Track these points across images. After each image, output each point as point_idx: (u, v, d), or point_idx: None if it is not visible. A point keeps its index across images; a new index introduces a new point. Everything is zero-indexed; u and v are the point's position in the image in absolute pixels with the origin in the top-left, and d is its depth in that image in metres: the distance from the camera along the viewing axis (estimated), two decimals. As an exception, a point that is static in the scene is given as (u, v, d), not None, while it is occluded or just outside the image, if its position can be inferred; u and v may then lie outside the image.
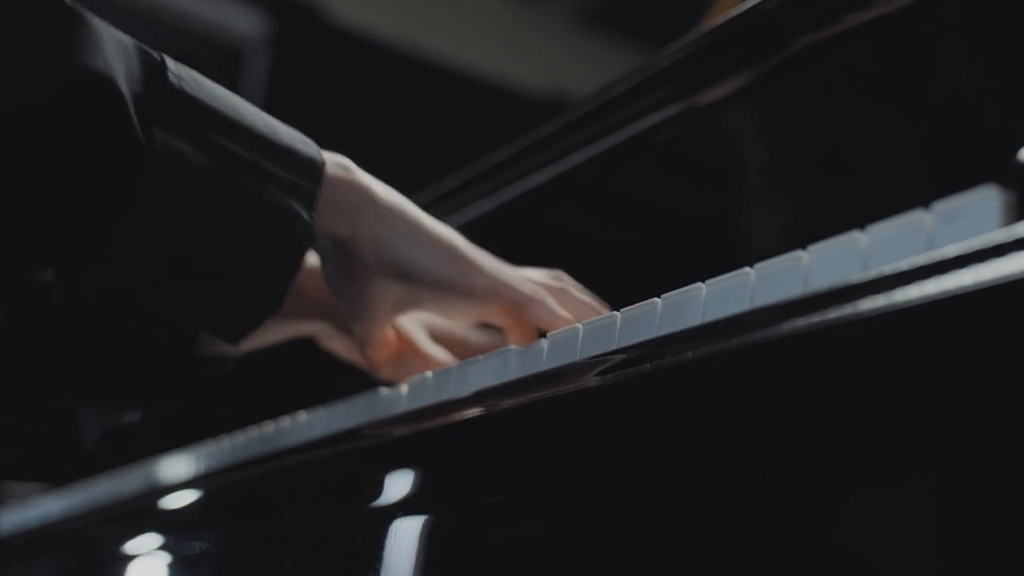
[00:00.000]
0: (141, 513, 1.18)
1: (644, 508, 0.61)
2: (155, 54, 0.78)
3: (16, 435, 1.24)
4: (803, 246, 0.59)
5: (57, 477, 1.50)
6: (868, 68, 0.82)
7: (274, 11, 3.60)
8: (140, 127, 0.75)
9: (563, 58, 4.33)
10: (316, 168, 0.83)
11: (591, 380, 0.66)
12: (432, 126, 3.69)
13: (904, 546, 0.48)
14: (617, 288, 0.98)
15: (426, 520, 0.76)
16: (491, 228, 1.15)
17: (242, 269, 0.80)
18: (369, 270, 0.87)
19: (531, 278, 0.91)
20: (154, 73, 0.77)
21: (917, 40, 0.79)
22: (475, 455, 0.74)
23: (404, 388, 0.86)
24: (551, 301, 0.88)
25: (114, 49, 0.76)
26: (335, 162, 0.86)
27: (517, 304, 0.88)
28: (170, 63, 0.78)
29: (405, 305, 0.91)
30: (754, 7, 0.89)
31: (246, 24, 3.56)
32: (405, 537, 0.77)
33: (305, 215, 0.81)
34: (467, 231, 0.92)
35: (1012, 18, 0.72)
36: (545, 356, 0.74)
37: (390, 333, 0.94)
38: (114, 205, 0.75)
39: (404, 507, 0.78)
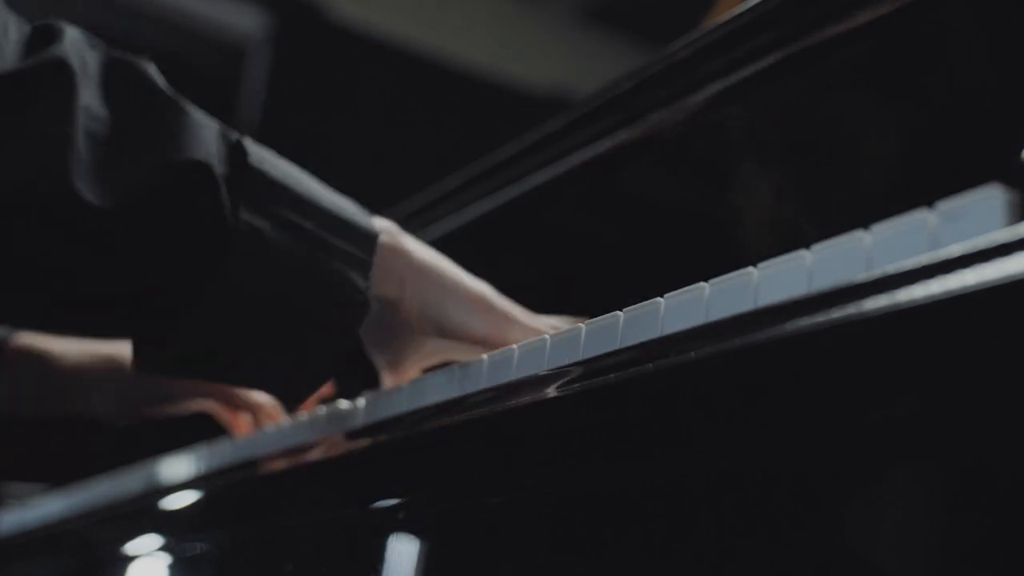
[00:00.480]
0: (141, 514, 1.18)
1: (646, 509, 0.61)
2: (233, 135, 0.83)
3: (16, 435, 1.25)
4: (807, 245, 0.59)
5: (57, 477, 1.49)
6: (871, 66, 0.82)
7: (275, 9, 3.60)
8: (229, 207, 0.79)
9: (565, 56, 4.32)
10: (371, 239, 0.87)
11: (594, 380, 0.66)
12: (433, 124, 3.69)
13: (910, 546, 0.48)
14: (620, 288, 0.98)
15: (427, 521, 0.76)
16: (492, 228, 1.15)
17: (307, 338, 0.84)
18: (411, 328, 0.92)
19: (556, 325, 0.94)
20: (236, 155, 0.82)
21: (921, 39, 0.78)
22: (477, 456, 0.73)
23: (406, 389, 0.86)
24: None
25: (210, 136, 0.81)
26: (383, 228, 0.90)
27: None
28: (248, 143, 0.83)
29: (438, 355, 0.95)
30: (756, 5, 0.89)
31: (247, 22, 3.56)
32: (406, 538, 0.77)
33: (362, 286, 0.85)
34: (468, 231, 0.93)
35: (1017, 17, 0.72)
36: (547, 356, 0.74)
37: None
38: (202, 279, 0.79)
39: (405, 508, 0.78)
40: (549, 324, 0.93)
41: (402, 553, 0.76)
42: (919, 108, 0.79)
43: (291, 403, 0.89)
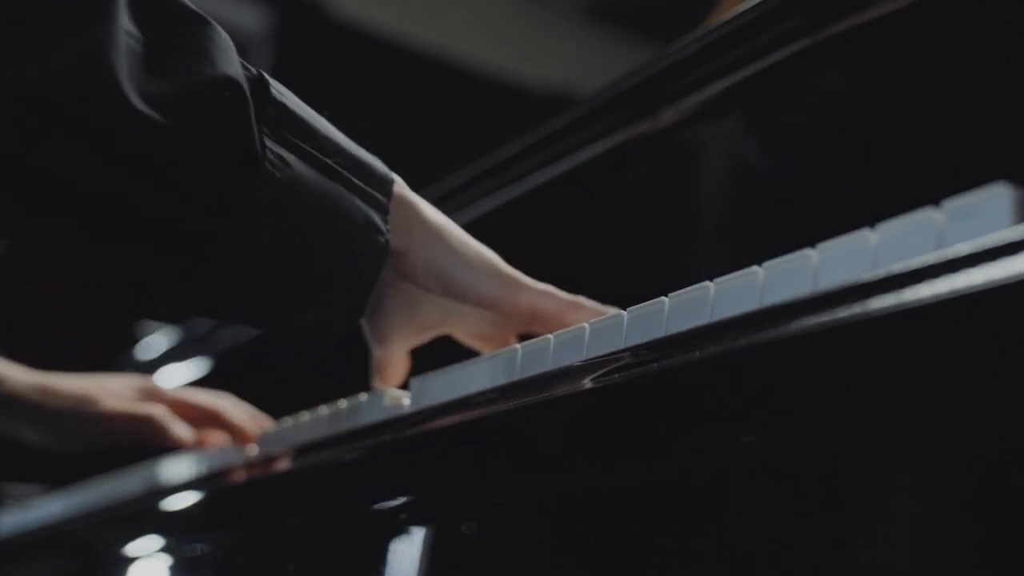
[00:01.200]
0: (142, 515, 1.18)
1: (650, 509, 0.61)
2: (253, 68, 0.82)
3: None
4: (812, 244, 0.58)
5: (57, 478, 1.50)
6: (879, 64, 0.82)
7: (276, 6, 3.60)
8: (257, 133, 0.78)
9: (570, 53, 4.32)
10: (389, 183, 0.86)
11: (597, 380, 0.66)
12: (436, 122, 3.69)
13: (916, 547, 0.48)
14: (624, 287, 0.97)
15: (430, 522, 0.76)
16: (495, 227, 1.15)
17: (332, 279, 0.83)
18: (415, 285, 0.90)
19: (568, 296, 0.93)
20: (259, 87, 0.81)
21: (928, 36, 0.78)
22: (479, 456, 0.73)
23: (407, 390, 0.86)
24: (592, 304, 0.90)
25: (236, 59, 0.80)
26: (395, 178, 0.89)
27: (560, 312, 0.89)
28: (268, 78, 0.82)
29: (433, 327, 0.94)
30: (760, 3, 0.89)
31: (249, 19, 3.56)
32: (409, 539, 0.76)
33: (384, 228, 0.84)
34: (471, 229, 0.92)
35: (1024, 14, 0.72)
36: (551, 355, 0.74)
37: (406, 361, 0.96)
38: (232, 208, 0.78)
39: (408, 509, 0.77)
40: (559, 292, 0.92)
41: (405, 555, 0.76)
42: (925, 106, 0.79)
43: (312, 351, 0.87)
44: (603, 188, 1.08)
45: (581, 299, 0.90)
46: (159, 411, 1.18)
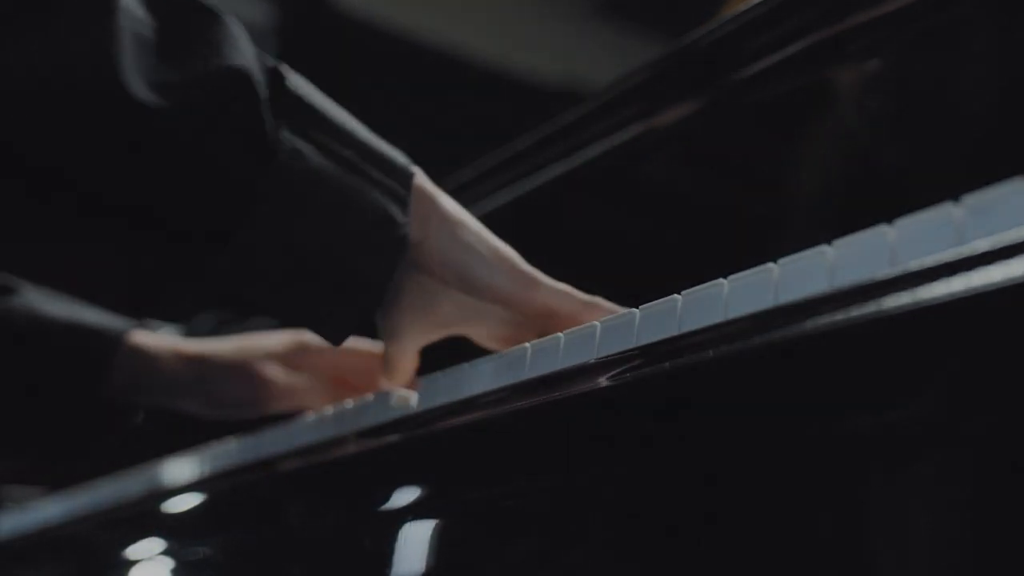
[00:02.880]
0: (143, 517, 1.19)
1: (660, 509, 0.61)
2: (271, 60, 0.83)
3: (15, 436, 1.25)
4: (829, 241, 0.58)
5: (58, 480, 1.50)
6: (898, 57, 0.82)
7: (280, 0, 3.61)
8: (270, 124, 0.79)
9: (580, 47, 4.33)
10: (408, 176, 0.86)
11: (608, 380, 0.66)
12: (445, 117, 3.69)
13: (937, 547, 0.48)
14: (636, 284, 0.97)
15: (436, 524, 0.76)
16: (506, 222, 1.14)
17: (348, 270, 0.83)
18: (431, 278, 0.90)
19: (586, 297, 0.92)
20: (275, 78, 0.81)
21: (949, 29, 0.78)
22: (487, 457, 0.73)
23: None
24: (610, 305, 0.89)
25: (248, 51, 0.81)
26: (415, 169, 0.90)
27: (575, 312, 0.89)
28: (285, 69, 0.83)
29: (448, 324, 0.93)
30: (775, -5, 0.88)
31: (252, 13, 3.56)
32: (414, 542, 0.76)
33: (401, 220, 0.84)
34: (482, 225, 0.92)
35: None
36: (561, 354, 0.74)
37: (415, 359, 0.96)
38: (244, 201, 0.79)
39: (413, 511, 0.77)
40: (576, 292, 0.91)
41: (410, 558, 0.76)
42: (946, 100, 0.79)
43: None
44: (614, 183, 1.08)
45: (598, 300, 0.89)
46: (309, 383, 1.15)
